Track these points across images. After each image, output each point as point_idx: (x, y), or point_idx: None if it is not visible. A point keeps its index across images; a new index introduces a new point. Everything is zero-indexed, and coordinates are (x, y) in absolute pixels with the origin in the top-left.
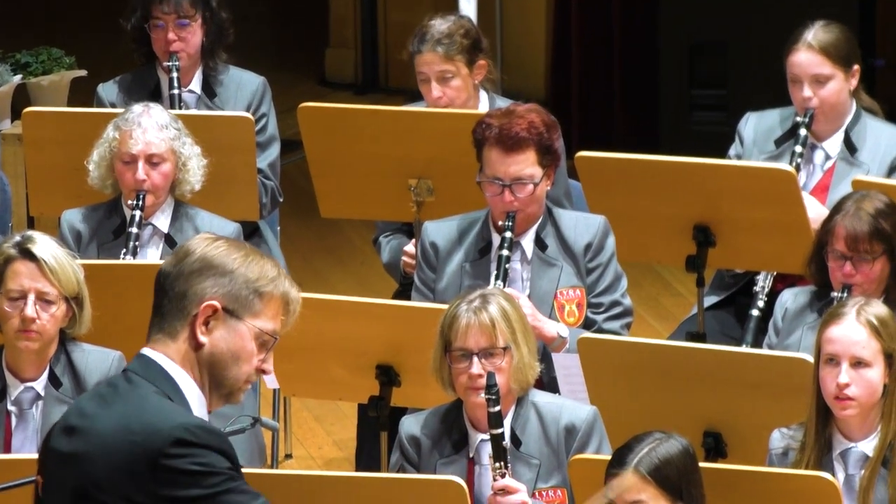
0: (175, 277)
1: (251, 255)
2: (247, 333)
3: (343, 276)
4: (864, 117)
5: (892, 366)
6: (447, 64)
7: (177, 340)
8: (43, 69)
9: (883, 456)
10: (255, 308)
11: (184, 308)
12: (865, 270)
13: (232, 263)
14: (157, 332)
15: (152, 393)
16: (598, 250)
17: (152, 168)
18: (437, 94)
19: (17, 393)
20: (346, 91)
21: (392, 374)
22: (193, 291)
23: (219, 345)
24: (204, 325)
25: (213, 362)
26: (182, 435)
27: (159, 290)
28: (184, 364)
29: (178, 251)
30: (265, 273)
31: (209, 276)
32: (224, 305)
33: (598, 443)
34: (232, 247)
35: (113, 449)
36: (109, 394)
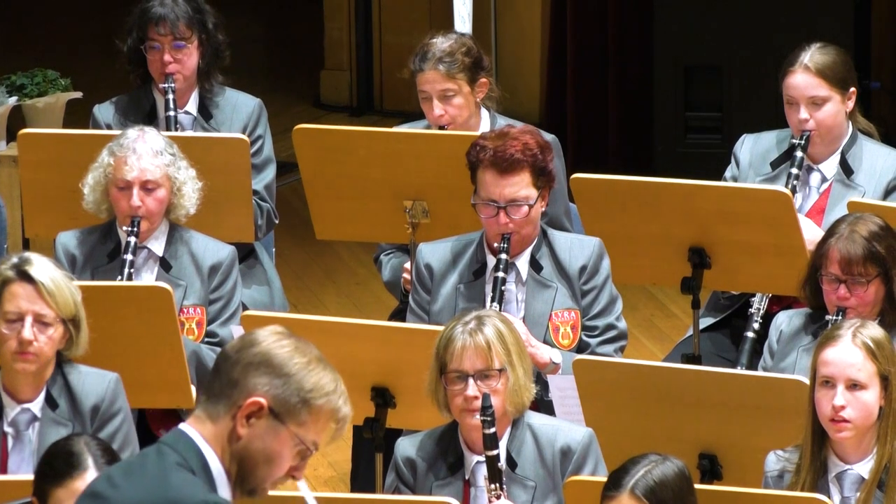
0: (233, 364)
1: (313, 363)
2: (286, 439)
3: (338, 298)
4: (860, 139)
5: (887, 388)
6: (449, 82)
7: (216, 424)
8: (38, 91)
9: (879, 478)
10: (301, 417)
11: (231, 396)
12: (860, 293)
13: (291, 367)
14: (201, 409)
15: (176, 466)
16: (594, 272)
17: (147, 194)
18: (439, 113)
19: (14, 414)
20: (341, 113)
21: (387, 396)
22: (245, 383)
23: (255, 442)
24: (245, 419)
25: (244, 456)
26: None
27: (216, 370)
28: (216, 447)
29: (246, 337)
30: (321, 385)
31: (265, 373)
32: (271, 406)
33: (593, 465)
34: (297, 350)
35: None
36: (137, 464)
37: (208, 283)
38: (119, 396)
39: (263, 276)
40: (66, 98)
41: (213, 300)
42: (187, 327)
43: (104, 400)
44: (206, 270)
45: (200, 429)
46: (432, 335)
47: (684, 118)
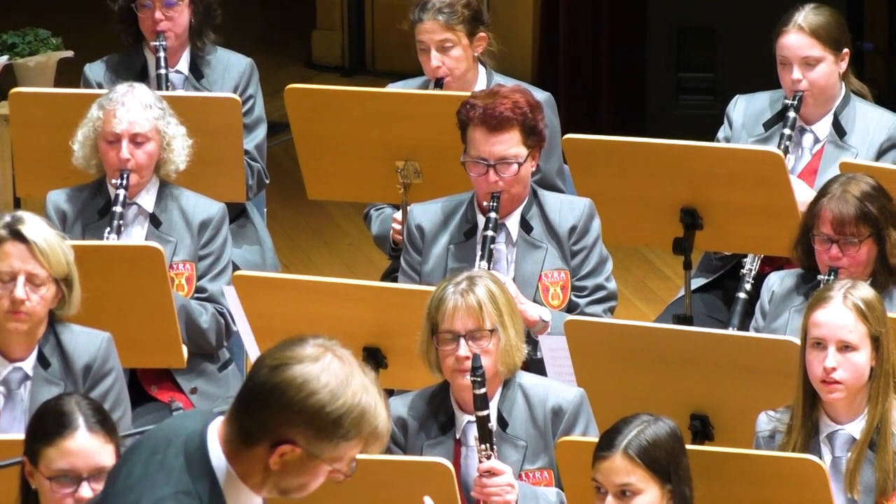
0: (265, 404)
1: (354, 392)
2: (321, 470)
3: (329, 258)
4: (853, 101)
5: (878, 349)
6: (448, 33)
7: (247, 453)
8: (29, 50)
9: (870, 438)
10: (339, 452)
11: (264, 436)
12: (852, 253)
13: (326, 417)
14: (231, 429)
15: (174, 495)
16: (583, 233)
17: (136, 147)
18: (436, 64)
19: (6, 373)
20: (333, 73)
21: (379, 357)
22: (278, 427)
23: (288, 473)
24: (278, 457)
25: (278, 481)
26: None
27: (248, 399)
28: (241, 468)
29: (280, 374)
30: (359, 420)
31: (299, 420)
32: (305, 449)
33: (584, 425)
34: (334, 386)
35: None
36: (152, 467)
37: (198, 239)
38: (111, 356)
39: (255, 235)
40: (57, 57)
41: (202, 256)
42: (177, 283)
43: (96, 359)
44: (196, 226)
45: (227, 449)
46: (424, 296)
47: (677, 79)
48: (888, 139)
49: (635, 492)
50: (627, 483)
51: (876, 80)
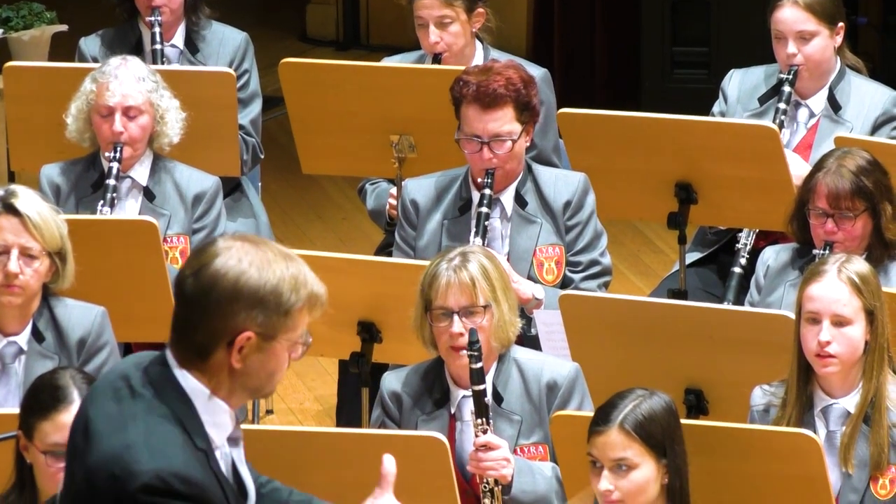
0: (204, 309)
1: (277, 267)
2: (281, 349)
3: (324, 233)
4: (848, 75)
5: (873, 323)
6: (446, 9)
7: (208, 364)
8: (24, 24)
9: (864, 412)
10: (288, 324)
11: (216, 339)
12: (847, 228)
13: (262, 289)
14: (183, 350)
15: (157, 418)
16: (578, 208)
17: (129, 120)
18: (435, 40)
19: (0, 347)
20: (328, 48)
21: (373, 331)
22: (224, 325)
23: (253, 366)
24: (238, 353)
25: (245, 380)
26: (152, 482)
27: (186, 315)
28: (210, 382)
29: (203, 276)
30: (293, 287)
31: (241, 307)
32: (259, 332)
33: (579, 399)
34: (256, 265)
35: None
36: (125, 401)
37: (192, 212)
38: (105, 330)
39: (249, 209)
40: (51, 31)
41: (196, 229)
42: (171, 256)
43: (90, 333)
44: (190, 200)
45: (189, 367)
46: (418, 270)
47: (671, 53)
48: (883, 113)
49: (631, 466)
50: (623, 457)
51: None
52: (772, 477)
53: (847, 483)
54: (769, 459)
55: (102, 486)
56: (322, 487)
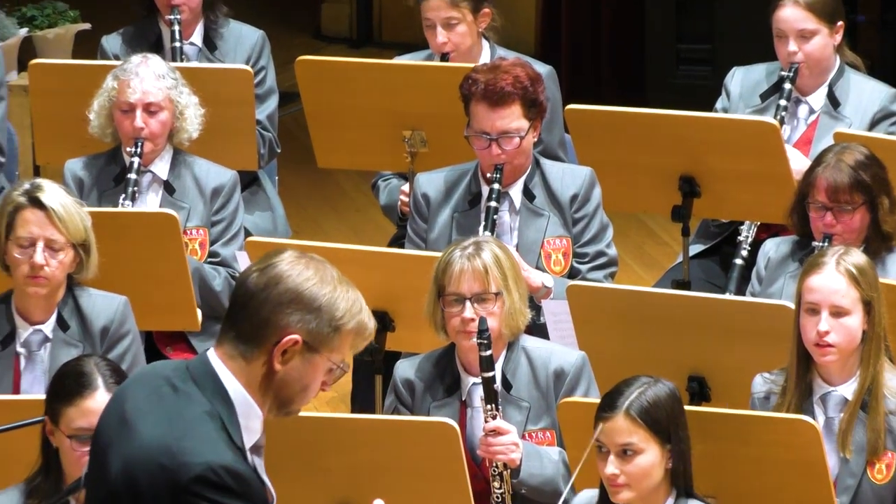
0: (262, 302)
1: (338, 288)
2: (320, 365)
3: (338, 225)
4: (847, 72)
5: (870, 313)
6: (453, 10)
7: (250, 363)
8: (48, 22)
9: (862, 399)
10: (333, 344)
11: (265, 335)
12: (846, 221)
13: (321, 298)
14: (230, 344)
15: (203, 415)
16: (585, 201)
17: (150, 116)
18: (443, 40)
19: (27, 335)
20: (341, 45)
21: (386, 320)
22: (277, 322)
23: (291, 374)
24: (281, 355)
25: (281, 388)
26: (206, 474)
27: (241, 303)
28: (248, 385)
29: (268, 273)
30: (350, 308)
31: (296, 310)
32: (305, 340)
33: (586, 387)
34: (321, 279)
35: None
36: (167, 397)
37: (210, 205)
38: (128, 318)
39: (266, 202)
40: (74, 29)
41: (215, 222)
42: (190, 248)
43: (113, 322)
44: (209, 193)
45: (232, 366)
46: (430, 261)
47: (676, 50)
48: (881, 110)
49: (637, 451)
50: (629, 443)
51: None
52: (772, 461)
53: (845, 468)
54: (769, 445)
55: (147, 476)
56: (337, 470)
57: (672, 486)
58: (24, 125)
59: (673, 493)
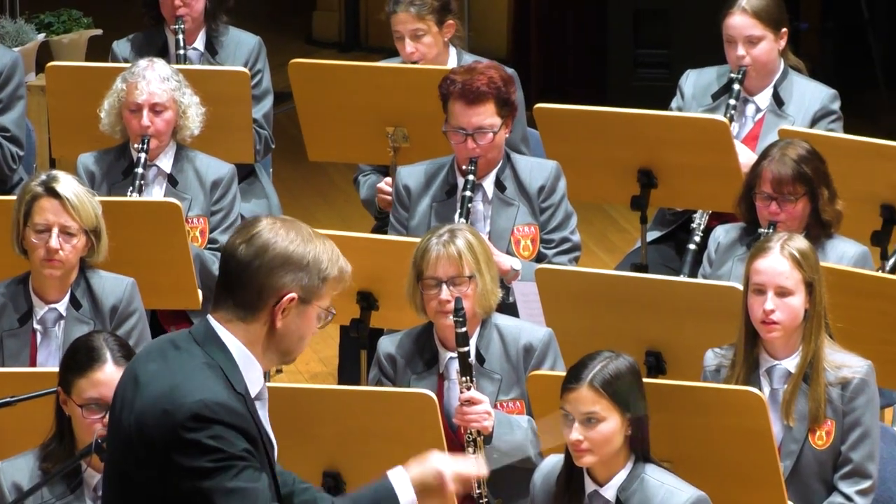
0: (255, 271)
1: (314, 240)
2: (313, 315)
3: (328, 213)
4: (790, 75)
5: (812, 293)
6: (419, 23)
7: (250, 324)
8: (64, 28)
9: (804, 372)
10: (321, 292)
11: (264, 299)
12: (789, 209)
13: (307, 255)
14: (229, 310)
15: (200, 364)
16: (551, 192)
17: (156, 115)
18: (411, 50)
19: (42, 313)
20: (331, 49)
21: (371, 300)
22: (274, 285)
23: (290, 327)
24: (281, 313)
25: (281, 340)
26: (200, 411)
27: (234, 274)
28: (249, 342)
29: (255, 243)
30: (331, 257)
31: (289, 271)
32: (300, 296)
33: (552, 360)
34: (298, 233)
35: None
36: (171, 355)
37: (210, 196)
38: (135, 298)
39: (262, 192)
40: (88, 35)
41: (214, 211)
42: (191, 235)
43: (122, 301)
44: (209, 185)
45: (233, 329)
46: (411, 247)
47: (635, 55)
48: (821, 108)
49: (599, 419)
50: (593, 411)
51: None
52: (722, 429)
53: (788, 435)
54: (720, 414)
55: (153, 423)
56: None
57: (631, 451)
58: (41, 122)
59: (632, 457)
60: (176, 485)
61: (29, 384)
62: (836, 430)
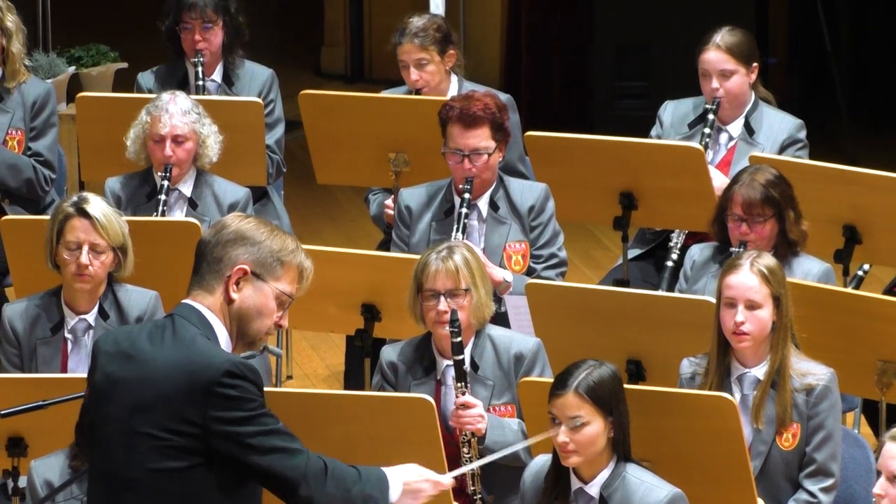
0: (213, 245)
1: (275, 230)
2: (269, 293)
3: (335, 232)
4: (761, 106)
5: (779, 306)
6: (423, 53)
7: (213, 295)
8: (92, 62)
9: (772, 379)
10: (277, 273)
11: (220, 270)
12: (758, 230)
13: (260, 236)
14: (196, 288)
15: (199, 335)
16: (540, 211)
17: (177, 146)
18: (415, 78)
19: (73, 323)
20: (338, 81)
21: (374, 312)
22: (228, 257)
23: (246, 301)
24: (235, 285)
25: (241, 315)
26: (232, 368)
27: (199, 255)
28: (218, 314)
29: (216, 225)
30: (286, 246)
31: (241, 245)
32: (252, 269)
33: (541, 368)
34: (260, 223)
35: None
36: (159, 333)
37: None
38: (158, 310)
39: (274, 212)
40: (114, 68)
41: None
42: None
43: (146, 312)
44: (226, 207)
45: (202, 301)
46: (412, 263)
47: (616, 87)
48: (789, 137)
49: (584, 423)
50: (578, 416)
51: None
52: (697, 431)
53: (757, 437)
54: (695, 417)
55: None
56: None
57: (613, 452)
58: (71, 148)
59: (614, 458)
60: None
61: (60, 389)
62: (802, 432)
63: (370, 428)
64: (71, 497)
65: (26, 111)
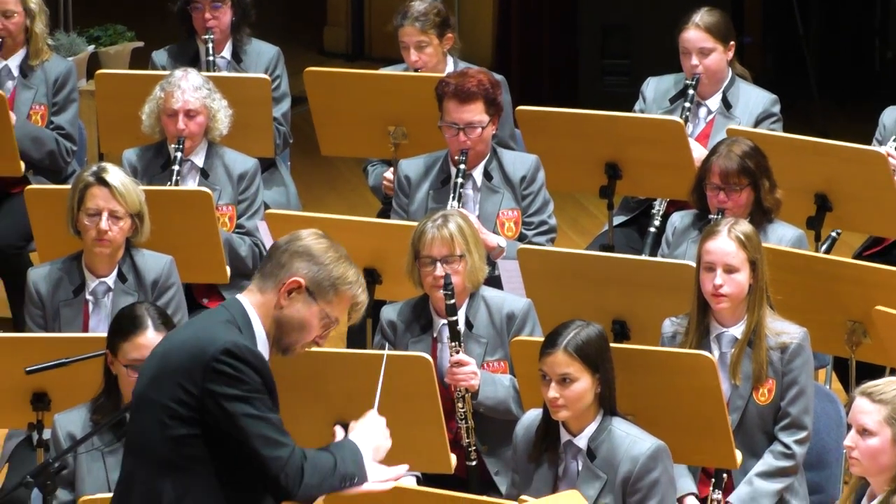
0: (282, 252)
1: (342, 258)
2: (316, 313)
3: (337, 201)
4: (737, 82)
5: (755, 270)
6: (423, 35)
7: (264, 295)
8: (110, 41)
9: (748, 338)
10: (329, 297)
11: (278, 275)
12: (735, 198)
13: (325, 259)
14: (254, 284)
15: (224, 320)
16: (531, 181)
17: (189, 120)
18: (415, 59)
19: (94, 286)
20: (340, 59)
21: (375, 275)
22: (290, 266)
23: (293, 312)
24: (287, 294)
25: (284, 322)
26: (233, 348)
27: (269, 256)
28: (261, 313)
29: (293, 234)
30: (346, 276)
31: (306, 260)
32: (307, 285)
33: (531, 327)
34: (331, 247)
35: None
36: (201, 317)
37: (238, 187)
38: (173, 273)
39: (281, 181)
40: (131, 47)
41: (240, 200)
42: (221, 221)
43: (161, 276)
44: (236, 178)
45: (251, 298)
46: (410, 229)
47: (602, 64)
48: (764, 111)
49: (573, 379)
50: (567, 373)
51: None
52: (678, 387)
53: (735, 392)
54: (676, 374)
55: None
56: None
57: (600, 406)
58: (91, 122)
59: (601, 412)
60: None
61: (81, 347)
62: (777, 388)
63: (370, 384)
64: (92, 448)
65: (49, 87)
